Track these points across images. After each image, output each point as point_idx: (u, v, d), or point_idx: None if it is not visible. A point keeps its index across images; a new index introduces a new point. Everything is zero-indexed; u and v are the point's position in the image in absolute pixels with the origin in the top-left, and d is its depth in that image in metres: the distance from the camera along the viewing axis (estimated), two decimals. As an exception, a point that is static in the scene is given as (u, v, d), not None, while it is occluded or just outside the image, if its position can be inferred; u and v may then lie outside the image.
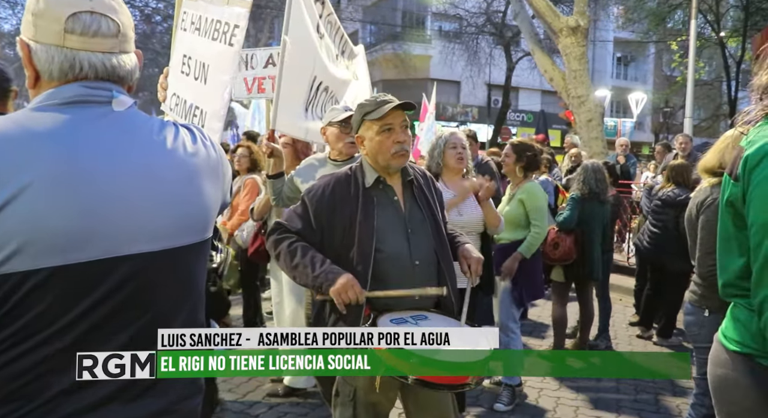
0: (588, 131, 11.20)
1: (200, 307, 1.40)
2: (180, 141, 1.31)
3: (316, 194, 2.33)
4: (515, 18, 14.61)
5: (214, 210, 1.39)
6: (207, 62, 3.14)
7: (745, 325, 1.51)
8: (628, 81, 31.95)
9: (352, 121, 2.42)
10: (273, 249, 2.33)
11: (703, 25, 20.64)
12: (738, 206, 1.48)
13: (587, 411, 3.96)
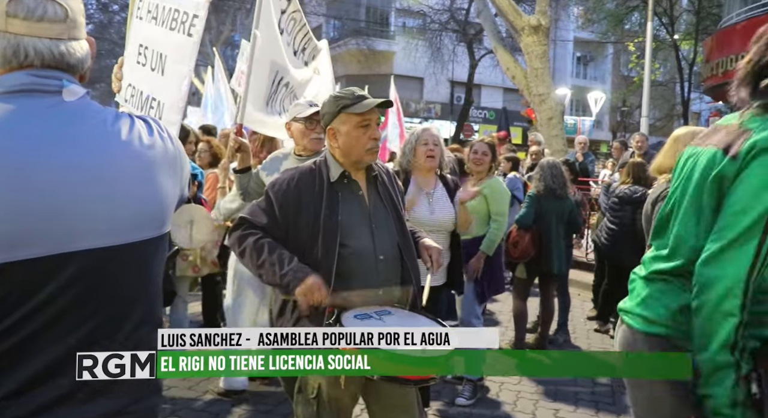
0: (549, 129, 11.38)
1: (158, 302, 1.36)
2: (135, 133, 1.26)
3: (281, 188, 2.28)
4: (478, 16, 14.74)
5: (171, 204, 1.35)
6: (165, 53, 3.05)
7: (666, 304, 1.52)
8: (588, 80, 32.59)
9: (325, 113, 2.33)
10: (237, 245, 2.26)
11: (659, 28, 21.21)
12: (724, 184, 1.46)
13: (546, 404, 4.02)
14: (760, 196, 1.37)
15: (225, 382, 3.88)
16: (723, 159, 1.47)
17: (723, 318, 1.38)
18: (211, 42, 21.18)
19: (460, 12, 24.19)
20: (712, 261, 1.42)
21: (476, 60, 24.19)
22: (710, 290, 1.40)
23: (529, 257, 4.79)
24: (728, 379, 1.37)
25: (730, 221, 1.41)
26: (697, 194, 1.54)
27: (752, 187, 1.39)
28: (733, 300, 1.37)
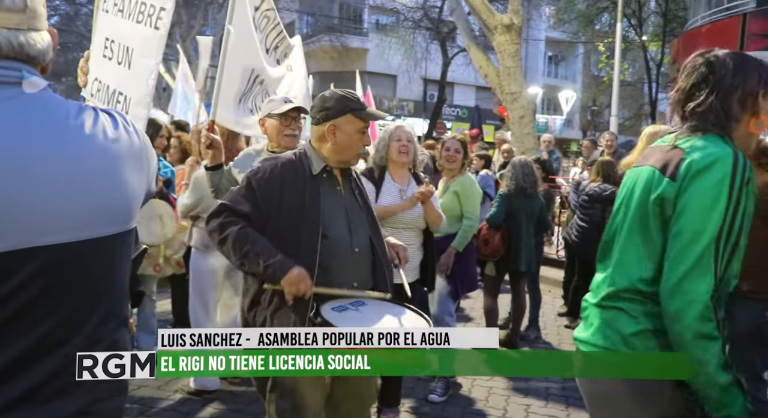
0: (520, 127, 11.48)
1: (124, 299, 1.33)
2: (100, 127, 1.23)
3: (263, 176, 2.30)
4: (451, 14, 14.79)
5: (137, 199, 1.32)
6: (131, 46, 2.99)
7: (619, 330, 1.55)
8: (559, 79, 33.02)
9: (327, 108, 2.36)
10: (218, 233, 2.25)
11: (628, 29, 21.60)
12: (667, 206, 1.52)
13: (518, 399, 4.06)
14: (709, 217, 1.44)
15: (196, 381, 3.83)
16: (662, 180, 1.53)
17: (707, 343, 1.43)
18: (182, 37, 20.86)
19: (433, 10, 24.26)
20: (677, 289, 1.46)
21: (449, 58, 24.30)
22: (684, 319, 1.44)
23: (499, 255, 4.83)
24: (738, 398, 1.43)
25: (685, 245, 1.46)
26: (639, 216, 1.60)
27: (699, 210, 1.46)
28: (709, 323, 1.43)
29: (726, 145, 1.52)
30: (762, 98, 1.58)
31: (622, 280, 1.61)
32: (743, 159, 1.48)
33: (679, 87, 1.65)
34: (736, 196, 1.44)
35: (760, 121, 1.59)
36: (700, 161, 1.48)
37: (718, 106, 1.56)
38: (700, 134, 1.56)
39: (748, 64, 1.60)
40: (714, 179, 1.46)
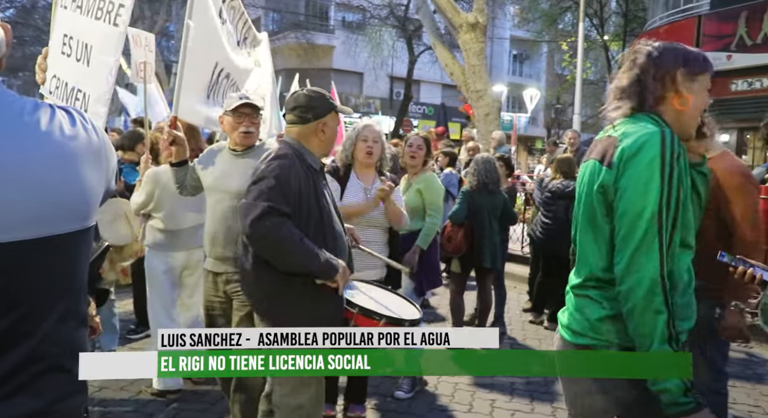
0: (486, 125, 11.61)
1: (82, 298, 1.31)
2: (56, 124, 1.21)
3: (288, 176, 2.35)
4: (417, 12, 14.85)
5: (96, 196, 1.30)
6: (90, 43, 2.92)
7: (590, 320, 1.62)
8: (523, 78, 33.44)
9: (315, 106, 2.50)
10: (273, 234, 2.27)
11: (590, 29, 22.00)
12: (609, 193, 1.59)
13: (483, 394, 4.11)
14: (646, 197, 1.50)
15: (159, 381, 3.77)
16: (601, 169, 1.61)
17: (654, 316, 1.48)
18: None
19: (399, 8, 24.29)
20: (627, 269, 1.52)
21: (415, 56, 24.38)
22: (634, 295, 1.50)
23: (462, 252, 4.87)
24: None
25: (629, 227, 1.53)
26: (588, 208, 1.67)
27: (636, 191, 1.52)
28: (657, 298, 1.48)
29: (654, 125, 1.59)
30: (681, 76, 1.65)
31: (584, 269, 1.69)
32: (671, 136, 1.54)
33: (613, 78, 1.77)
34: (668, 172, 1.50)
35: (684, 99, 1.65)
36: (630, 146, 1.55)
37: (637, 87, 1.66)
38: (630, 118, 1.66)
39: (669, 47, 1.69)
40: (645, 160, 1.52)
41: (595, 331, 1.59)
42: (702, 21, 14.92)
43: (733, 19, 14.27)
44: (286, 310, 2.38)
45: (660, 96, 1.66)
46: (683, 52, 1.68)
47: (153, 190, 3.69)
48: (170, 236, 3.78)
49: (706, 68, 1.70)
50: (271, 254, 2.34)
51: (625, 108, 1.68)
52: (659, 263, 1.48)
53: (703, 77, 1.69)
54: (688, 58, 1.67)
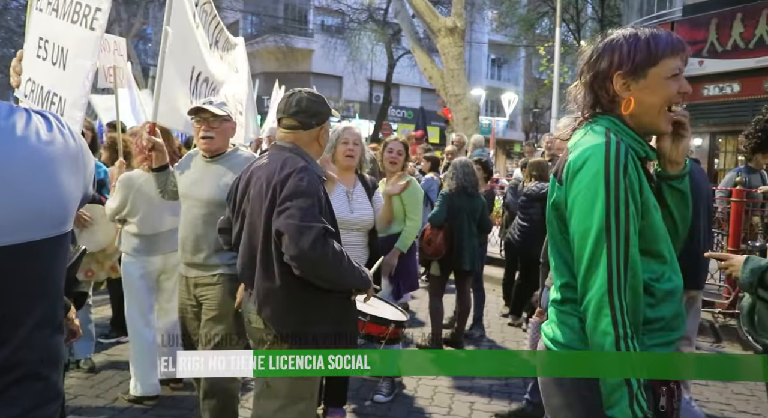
0: (464, 129, 11.69)
1: (59, 304, 1.29)
2: (32, 128, 1.20)
3: (318, 190, 2.28)
4: (396, 16, 14.91)
5: (73, 202, 1.29)
6: (66, 46, 2.89)
7: (574, 330, 1.57)
8: (502, 82, 33.69)
9: (318, 112, 2.45)
10: (333, 256, 2.19)
11: (566, 34, 22.31)
12: (562, 210, 1.56)
13: (462, 397, 4.14)
14: (591, 215, 1.45)
15: (137, 388, 3.73)
16: (555, 185, 1.58)
17: (602, 338, 1.43)
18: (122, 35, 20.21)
19: (378, 12, 24.38)
20: (581, 289, 1.49)
21: (394, 60, 24.46)
22: (587, 314, 1.47)
23: (441, 254, 4.91)
24: (623, 399, 1.40)
25: (579, 246, 1.49)
26: (550, 225, 1.64)
27: (581, 210, 1.47)
28: (604, 319, 1.42)
29: (603, 135, 1.51)
30: (620, 79, 1.54)
31: (557, 281, 1.66)
32: (616, 146, 1.46)
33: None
34: (614, 185, 1.43)
35: (628, 103, 1.55)
36: (575, 161, 1.49)
37: (584, 96, 1.60)
38: (586, 124, 1.59)
39: (608, 45, 1.58)
40: (588, 177, 1.45)
41: (582, 341, 1.54)
42: (675, 27, 15.21)
43: (704, 26, 14.59)
44: (315, 327, 2.27)
45: (609, 101, 1.58)
46: (619, 50, 1.55)
47: (127, 195, 3.66)
48: (146, 241, 3.75)
49: (658, 57, 1.53)
50: (325, 276, 2.22)
51: (582, 115, 1.62)
52: (607, 283, 1.42)
53: (657, 68, 1.53)
54: (623, 56, 1.54)
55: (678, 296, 1.59)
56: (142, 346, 3.76)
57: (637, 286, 1.47)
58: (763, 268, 1.99)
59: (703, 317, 5.23)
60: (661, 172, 1.67)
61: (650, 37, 1.55)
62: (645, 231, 1.51)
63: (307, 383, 2.37)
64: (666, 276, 1.56)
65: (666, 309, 1.54)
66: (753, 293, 2.03)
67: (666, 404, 1.50)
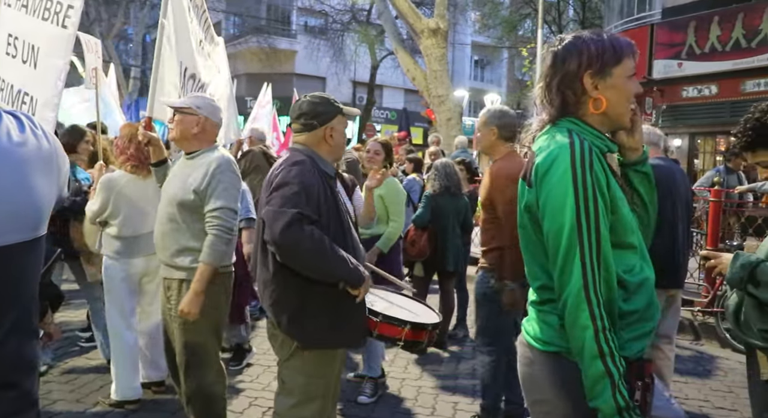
0: (447, 130, 11.72)
1: (33, 310, 1.27)
2: (3, 129, 1.18)
3: (311, 182, 2.28)
4: (379, 17, 14.90)
5: (47, 205, 1.27)
6: (37, 44, 2.84)
7: (554, 327, 1.61)
8: (484, 83, 33.82)
9: (321, 112, 2.44)
10: (308, 240, 2.18)
11: (549, 35, 22.46)
12: (534, 212, 1.59)
13: (446, 397, 4.14)
14: (563, 213, 1.49)
15: (117, 392, 3.69)
16: (524, 188, 1.61)
17: (581, 332, 1.46)
18: (102, 35, 19.99)
19: (361, 13, 24.35)
20: (558, 286, 1.53)
21: (378, 61, 24.45)
22: (565, 311, 1.50)
23: (426, 255, 4.91)
24: (606, 391, 1.44)
25: (552, 244, 1.53)
26: (522, 227, 1.67)
27: (553, 209, 1.51)
28: (582, 313, 1.46)
29: (566, 135, 1.55)
30: (589, 79, 1.58)
31: (534, 282, 1.69)
32: (580, 145, 1.50)
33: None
34: (581, 182, 1.48)
35: (598, 102, 1.59)
36: (542, 164, 1.54)
37: (549, 98, 1.63)
38: (550, 128, 1.62)
39: (572, 47, 1.61)
40: (556, 177, 1.50)
41: (562, 338, 1.57)
42: (654, 30, 15.41)
43: (682, 29, 14.78)
44: (310, 321, 2.31)
45: (575, 102, 1.61)
46: (587, 50, 1.59)
47: (108, 197, 3.62)
48: (127, 243, 3.71)
49: (621, 56, 1.59)
50: (302, 263, 2.23)
51: (546, 118, 1.65)
52: (583, 278, 1.46)
53: (619, 67, 1.59)
54: (592, 55, 1.58)
55: (650, 286, 1.63)
56: (123, 349, 3.72)
57: (610, 279, 1.51)
58: (753, 263, 2.02)
59: (683, 315, 5.30)
60: (625, 160, 1.76)
61: (611, 38, 1.63)
62: (615, 225, 1.56)
63: (321, 382, 2.39)
64: (637, 267, 1.61)
65: (639, 301, 1.59)
66: (742, 288, 2.06)
67: (641, 398, 1.54)
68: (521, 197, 1.64)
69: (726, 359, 5.12)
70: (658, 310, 1.66)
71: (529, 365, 1.70)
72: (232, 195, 2.92)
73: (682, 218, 3.78)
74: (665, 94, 15.37)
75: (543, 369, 1.63)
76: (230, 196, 2.90)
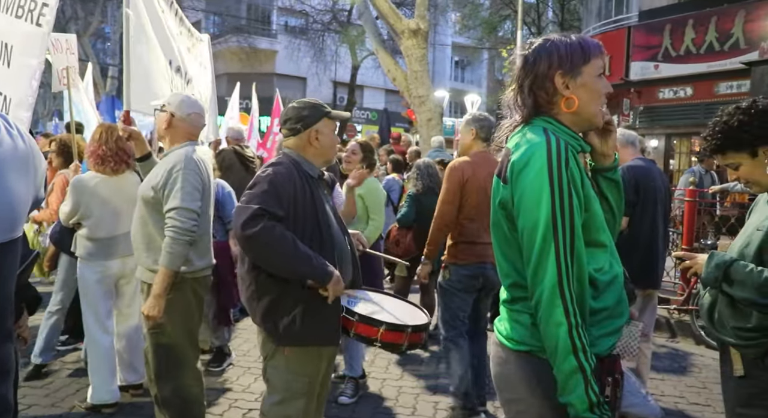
0: (428, 130, 11.75)
1: (8, 312, 1.25)
2: None
3: (283, 181, 2.32)
4: (360, 18, 14.90)
5: (23, 205, 1.25)
6: (10, 43, 2.78)
7: (526, 326, 1.62)
8: (465, 84, 34.00)
9: (306, 115, 2.48)
10: (264, 236, 2.20)
11: (528, 36, 22.66)
12: (509, 209, 1.60)
13: (427, 397, 4.16)
14: (539, 209, 1.50)
15: (93, 396, 3.64)
16: (499, 185, 1.63)
17: (555, 328, 1.48)
18: (79, 33, 19.70)
19: (342, 13, 24.32)
20: (532, 282, 1.54)
21: (358, 61, 24.43)
22: (539, 307, 1.51)
23: (413, 254, 4.92)
24: (579, 386, 1.46)
25: (527, 240, 1.54)
26: (495, 224, 1.69)
27: (529, 205, 1.52)
28: (556, 309, 1.48)
29: (541, 134, 1.57)
30: (560, 78, 1.61)
31: (506, 280, 1.70)
32: (556, 143, 1.52)
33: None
34: (557, 180, 1.49)
35: (570, 101, 1.62)
36: (518, 160, 1.55)
37: (517, 98, 1.66)
38: (523, 127, 1.64)
39: (542, 49, 1.64)
40: (533, 173, 1.51)
41: (534, 337, 1.59)
42: (631, 32, 15.62)
43: (659, 32, 15.01)
44: (283, 317, 2.33)
45: (547, 102, 1.64)
46: (556, 51, 1.62)
47: (79, 199, 3.57)
48: (101, 245, 3.66)
49: (589, 56, 1.63)
50: (262, 257, 2.28)
51: (519, 119, 1.66)
52: (557, 274, 1.48)
53: (588, 66, 1.62)
54: (562, 56, 1.61)
55: (619, 284, 1.66)
56: (99, 352, 3.67)
57: (582, 276, 1.53)
58: (727, 263, 2.07)
59: (659, 313, 5.38)
60: (596, 166, 1.78)
61: (579, 38, 1.66)
62: (588, 222, 1.58)
63: (304, 380, 2.41)
64: (607, 266, 1.64)
65: (609, 298, 1.61)
66: (717, 287, 2.11)
67: (611, 393, 1.56)
68: (495, 194, 1.66)
69: (701, 356, 5.22)
70: (627, 307, 1.69)
71: (501, 365, 1.71)
72: (189, 194, 2.83)
73: (661, 219, 3.84)
74: (642, 95, 15.59)
75: (516, 368, 1.65)
76: (187, 195, 2.82)
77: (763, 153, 2.10)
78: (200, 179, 2.91)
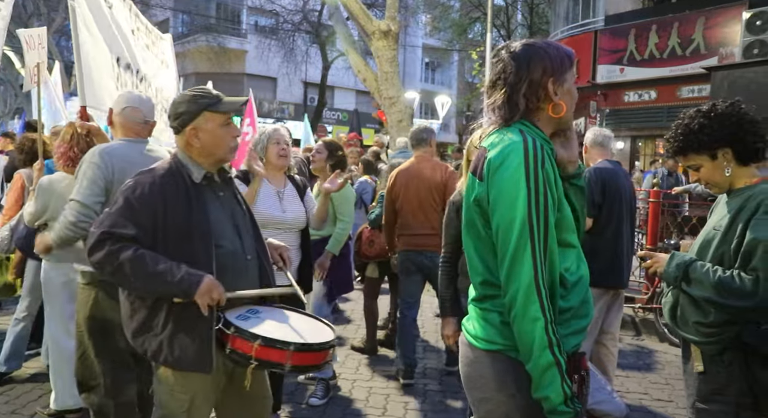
0: (398, 131, 11.77)
1: None
2: None
3: (143, 192, 2.11)
4: (330, 18, 14.87)
5: None
6: None
7: (495, 325, 1.64)
8: (435, 85, 34.20)
9: (182, 112, 2.21)
10: (109, 264, 2.04)
11: (498, 39, 22.94)
12: (484, 206, 1.61)
13: (397, 398, 4.17)
14: (515, 206, 1.53)
15: (57, 401, 3.55)
16: (474, 182, 1.64)
17: (532, 324, 1.50)
18: (41, 30, 19.21)
19: (312, 14, 24.24)
20: (506, 279, 1.55)
21: (329, 62, 24.39)
22: (514, 304, 1.53)
23: (386, 255, 4.92)
24: (556, 380, 1.49)
25: (502, 238, 1.56)
26: (468, 220, 1.70)
27: (505, 202, 1.54)
28: (533, 305, 1.50)
29: (519, 134, 1.59)
30: (552, 85, 1.64)
31: (476, 278, 1.71)
32: (533, 143, 1.55)
33: (486, 84, 1.77)
34: (533, 178, 1.52)
35: (558, 107, 1.66)
36: (496, 158, 1.57)
37: (507, 102, 1.66)
38: (500, 128, 1.66)
39: (535, 55, 1.66)
40: (510, 171, 1.53)
41: (503, 336, 1.61)
42: (598, 36, 15.93)
43: (624, 36, 15.35)
44: (151, 342, 2.14)
45: (536, 108, 1.66)
46: (548, 58, 1.66)
47: (47, 201, 3.48)
48: (71, 248, 3.57)
49: (571, 63, 1.69)
50: (116, 281, 2.14)
51: (500, 121, 1.68)
52: (533, 271, 1.50)
53: (569, 73, 1.68)
54: (554, 63, 1.65)
55: (584, 284, 1.69)
56: (63, 356, 3.58)
57: (554, 274, 1.56)
58: (687, 263, 2.15)
59: (625, 312, 5.49)
60: (562, 173, 1.77)
61: (557, 45, 1.70)
62: (560, 222, 1.61)
63: (184, 398, 2.18)
64: (575, 266, 1.67)
65: (574, 299, 1.64)
66: (677, 286, 2.18)
67: (577, 390, 1.60)
68: (470, 191, 1.66)
69: (664, 353, 5.35)
70: (592, 307, 1.72)
71: (470, 365, 1.72)
72: (86, 188, 2.74)
73: (627, 219, 3.92)
74: (608, 98, 15.91)
75: (485, 368, 1.66)
76: (83, 188, 2.73)
77: (722, 155, 2.18)
78: (102, 175, 2.78)
